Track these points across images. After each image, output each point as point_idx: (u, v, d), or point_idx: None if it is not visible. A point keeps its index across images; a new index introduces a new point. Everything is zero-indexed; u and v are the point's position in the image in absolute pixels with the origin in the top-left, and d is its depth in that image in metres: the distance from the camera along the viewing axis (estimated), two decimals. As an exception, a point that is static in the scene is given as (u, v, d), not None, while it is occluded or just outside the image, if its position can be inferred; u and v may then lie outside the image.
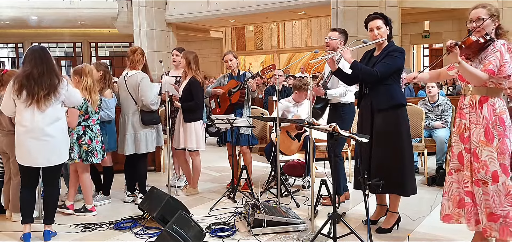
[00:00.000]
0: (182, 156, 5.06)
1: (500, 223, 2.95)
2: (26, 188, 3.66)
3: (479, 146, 2.97)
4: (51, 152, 3.56)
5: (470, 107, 3.04)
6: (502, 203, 2.94)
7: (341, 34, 4.38)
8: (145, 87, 4.49)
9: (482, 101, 2.98)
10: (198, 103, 4.81)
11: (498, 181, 2.92)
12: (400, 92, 3.69)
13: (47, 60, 3.58)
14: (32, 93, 3.47)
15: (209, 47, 20.58)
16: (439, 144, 5.41)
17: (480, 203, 2.99)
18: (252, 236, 3.63)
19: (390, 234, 3.65)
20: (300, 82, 5.31)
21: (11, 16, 16.20)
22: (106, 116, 4.57)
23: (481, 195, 2.98)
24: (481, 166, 2.96)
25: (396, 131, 3.56)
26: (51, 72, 3.56)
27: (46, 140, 3.52)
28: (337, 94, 4.29)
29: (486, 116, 2.96)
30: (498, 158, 2.92)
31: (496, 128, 2.93)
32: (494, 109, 2.96)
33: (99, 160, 4.31)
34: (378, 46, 3.69)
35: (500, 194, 2.93)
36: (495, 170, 2.92)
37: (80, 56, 20.79)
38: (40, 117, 3.51)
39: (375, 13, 3.71)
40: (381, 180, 3.34)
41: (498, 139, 2.93)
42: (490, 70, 2.89)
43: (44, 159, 3.55)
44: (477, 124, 2.99)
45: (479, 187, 2.98)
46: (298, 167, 5.62)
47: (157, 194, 4.08)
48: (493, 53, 2.91)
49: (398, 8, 11.08)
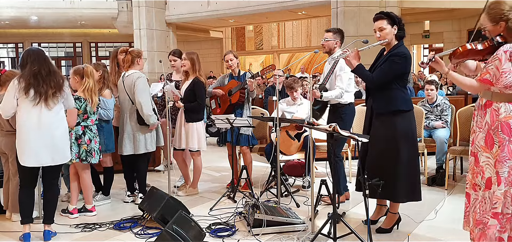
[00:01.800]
0: (180, 157, 5.06)
1: (480, 229, 2.90)
2: (25, 188, 3.65)
3: (480, 151, 2.91)
4: (56, 151, 3.58)
5: (478, 109, 2.97)
6: (487, 211, 2.87)
7: (335, 34, 4.38)
8: (139, 88, 4.44)
9: (487, 106, 2.89)
10: (201, 104, 4.81)
11: (490, 188, 2.85)
12: (403, 98, 3.54)
13: (49, 61, 3.62)
14: (40, 92, 3.48)
15: (209, 47, 20.59)
16: (439, 144, 5.41)
17: (472, 206, 2.97)
18: (252, 236, 3.63)
19: (390, 234, 3.65)
20: (289, 81, 5.39)
21: (11, 16, 16.21)
22: (104, 116, 4.55)
23: (474, 199, 2.96)
24: (479, 170, 2.91)
25: (392, 136, 3.49)
26: (56, 71, 3.61)
27: (53, 138, 3.55)
28: (333, 96, 4.28)
29: (488, 122, 2.87)
30: (495, 165, 2.82)
31: (497, 134, 2.81)
32: (498, 115, 2.82)
33: (96, 160, 4.30)
34: (387, 46, 3.61)
35: (487, 202, 2.86)
36: (490, 176, 2.85)
37: (80, 56, 20.80)
38: (48, 116, 3.53)
39: (381, 13, 3.62)
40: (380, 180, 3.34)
41: (498, 145, 2.80)
42: (485, 80, 2.81)
43: (49, 157, 3.56)
44: (480, 127, 2.92)
45: (476, 191, 2.95)
46: (298, 167, 5.62)
47: (157, 194, 4.08)
48: (492, 61, 2.79)
49: (398, 8, 11.08)
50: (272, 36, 20.91)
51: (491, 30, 2.87)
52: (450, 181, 5.24)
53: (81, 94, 4.17)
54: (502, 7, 2.81)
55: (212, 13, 15.12)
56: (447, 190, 4.99)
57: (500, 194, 2.81)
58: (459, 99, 6.79)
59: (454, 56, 2.95)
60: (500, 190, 2.80)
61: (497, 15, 2.82)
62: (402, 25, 3.58)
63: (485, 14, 2.87)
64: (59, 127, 3.62)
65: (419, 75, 14.05)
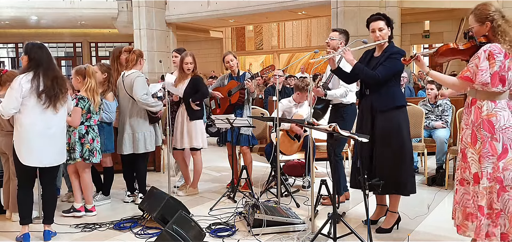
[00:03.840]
0: (180, 156, 5.06)
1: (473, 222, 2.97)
2: (23, 188, 3.65)
3: (467, 147, 3.01)
4: (58, 151, 3.63)
5: (466, 108, 3.07)
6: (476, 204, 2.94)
7: (341, 34, 4.40)
8: (137, 85, 4.46)
9: (472, 103, 3.00)
10: (204, 92, 4.88)
11: (479, 183, 2.92)
12: (401, 94, 3.72)
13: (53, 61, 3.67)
14: (52, 96, 3.50)
15: (209, 47, 20.58)
16: (439, 144, 5.41)
17: (460, 201, 3.05)
18: (252, 236, 3.63)
19: (390, 234, 3.65)
20: (302, 83, 5.28)
21: (11, 16, 16.21)
22: (107, 118, 4.57)
23: (462, 193, 3.04)
24: (467, 166, 3.00)
25: (397, 131, 3.57)
26: (62, 74, 3.68)
27: (57, 140, 3.60)
28: (337, 95, 4.29)
29: (472, 119, 2.97)
30: (479, 160, 2.91)
31: (479, 131, 2.91)
32: (481, 112, 2.92)
33: (97, 160, 4.31)
34: (379, 47, 3.69)
35: (478, 196, 2.93)
36: (476, 172, 2.94)
37: (80, 56, 20.80)
38: (54, 119, 3.57)
39: (377, 13, 3.71)
40: (381, 180, 3.35)
41: (480, 142, 2.91)
42: (465, 77, 2.92)
43: (52, 158, 3.59)
44: (467, 124, 3.03)
45: (463, 186, 3.03)
46: (298, 167, 5.62)
47: (157, 194, 4.08)
48: (473, 60, 2.91)
49: (398, 8, 11.08)
50: (272, 36, 20.90)
51: (477, 31, 2.98)
52: (450, 181, 5.23)
53: (84, 94, 4.18)
54: (488, 8, 2.94)
55: (212, 13, 15.11)
56: (447, 189, 4.99)
57: (482, 188, 2.90)
58: (459, 99, 6.78)
59: (437, 55, 3.07)
60: (482, 184, 2.90)
61: (483, 15, 2.94)
62: (393, 27, 3.72)
63: (472, 14, 3.00)
64: (62, 129, 3.70)
65: (419, 75, 14.05)
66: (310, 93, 3.95)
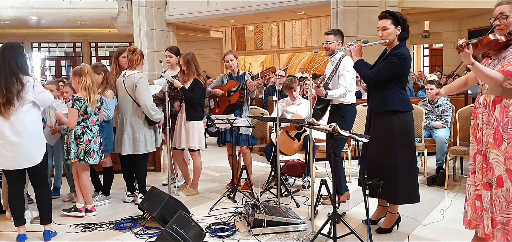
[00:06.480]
0: (180, 156, 5.05)
1: (498, 229, 2.80)
2: (12, 189, 3.65)
3: (488, 148, 2.84)
4: (20, 156, 3.49)
5: (483, 107, 2.89)
6: (503, 209, 2.78)
7: (336, 35, 4.39)
8: (141, 89, 4.45)
9: (496, 102, 2.80)
10: (197, 99, 4.81)
11: (502, 186, 2.77)
12: (400, 99, 3.51)
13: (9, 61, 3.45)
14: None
15: (209, 47, 20.56)
16: (439, 144, 5.41)
17: (487, 207, 2.86)
18: (252, 236, 3.63)
19: (390, 234, 3.65)
20: (288, 81, 5.39)
21: (11, 16, 16.19)
22: (105, 116, 4.56)
23: (488, 198, 2.85)
24: (489, 168, 2.83)
25: (389, 136, 3.49)
26: (12, 76, 3.41)
27: (13, 147, 3.45)
28: (337, 95, 4.29)
29: (497, 118, 2.79)
30: (505, 162, 2.74)
31: (506, 130, 2.74)
32: (508, 111, 2.75)
33: (95, 161, 4.28)
34: (388, 46, 3.59)
35: (502, 200, 2.77)
36: (500, 174, 2.76)
37: (80, 56, 20.78)
38: (6, 124, 3.43)
39: (385, 11, 3.58)
40: (380, 180, 3.34)
41: (507, 142, 2.73)
42: (507, 72, 2.69)
43: (14, 162, 3.51)
44: (488, 124, 2.85)
45: (488, 190, 2.85)
46: (298, 167, 5.62)
47: (157, 194, 4.08)
48: None
49: (398, 8, 11.05)
50: (272, 36, 20.88)
51: (510, 23, 2.77)
52: (450, 181, 5.24)
53: (80, 94, 4.17)
54: None
55: (212, 13, 15.10)
56: (447, 190, 4.99)
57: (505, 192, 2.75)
58: (459, 99, 6.79)
59: (481, 45, 2.80)
60: (507, 186, 2.74)
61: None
62: (407, 26, 3.55)
63: (508, 4, 2.77)
64: (20, 134, 3.46)
65: (419, 75, 14.06)
66: (311, 92, 3.95)
